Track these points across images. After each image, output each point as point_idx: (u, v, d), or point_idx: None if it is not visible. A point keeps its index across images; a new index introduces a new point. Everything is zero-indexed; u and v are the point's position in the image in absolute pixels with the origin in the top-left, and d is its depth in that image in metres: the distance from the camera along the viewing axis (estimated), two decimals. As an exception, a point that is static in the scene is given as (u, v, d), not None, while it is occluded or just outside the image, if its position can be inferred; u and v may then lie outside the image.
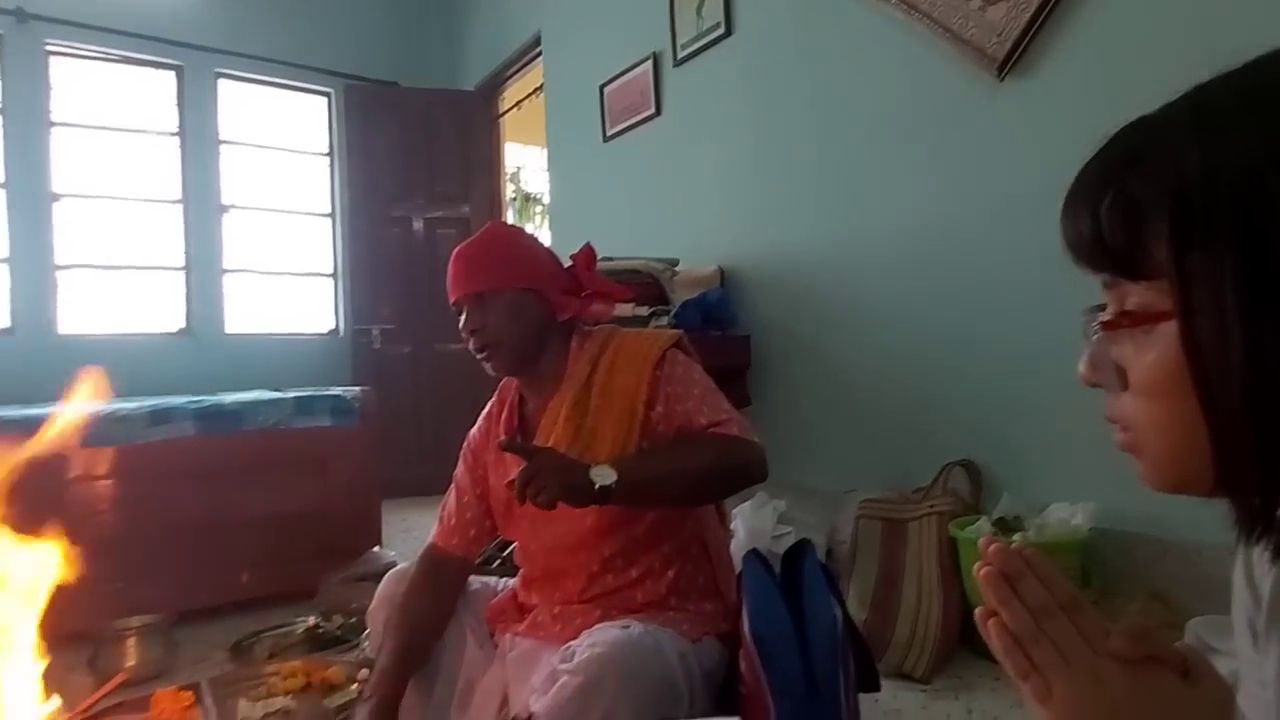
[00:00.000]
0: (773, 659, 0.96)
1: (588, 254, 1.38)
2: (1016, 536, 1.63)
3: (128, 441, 2.17)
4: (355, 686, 1.67)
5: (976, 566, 0.48)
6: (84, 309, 3.97)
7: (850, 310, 2.34)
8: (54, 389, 2.95)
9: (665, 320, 2.36)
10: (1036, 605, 0.45)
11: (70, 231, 3.96)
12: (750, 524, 2.04)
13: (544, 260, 1.34)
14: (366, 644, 1.98)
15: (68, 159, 3.96)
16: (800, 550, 1.18)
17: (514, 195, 6.34)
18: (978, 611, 0.48)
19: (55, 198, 3.91)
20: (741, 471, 1.22)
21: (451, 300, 1.32)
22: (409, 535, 3.14)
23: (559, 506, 1.13)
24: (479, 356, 1.31)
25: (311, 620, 2.10)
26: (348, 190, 4.46)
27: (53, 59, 3.91)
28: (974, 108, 1.99)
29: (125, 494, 2.17)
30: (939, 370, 2.11)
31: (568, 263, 1.38)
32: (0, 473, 1.05)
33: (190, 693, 1.18)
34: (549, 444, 1.25)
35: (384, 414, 2.69)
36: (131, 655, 1.75)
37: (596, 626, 1.14)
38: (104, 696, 1.11)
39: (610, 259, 2.41)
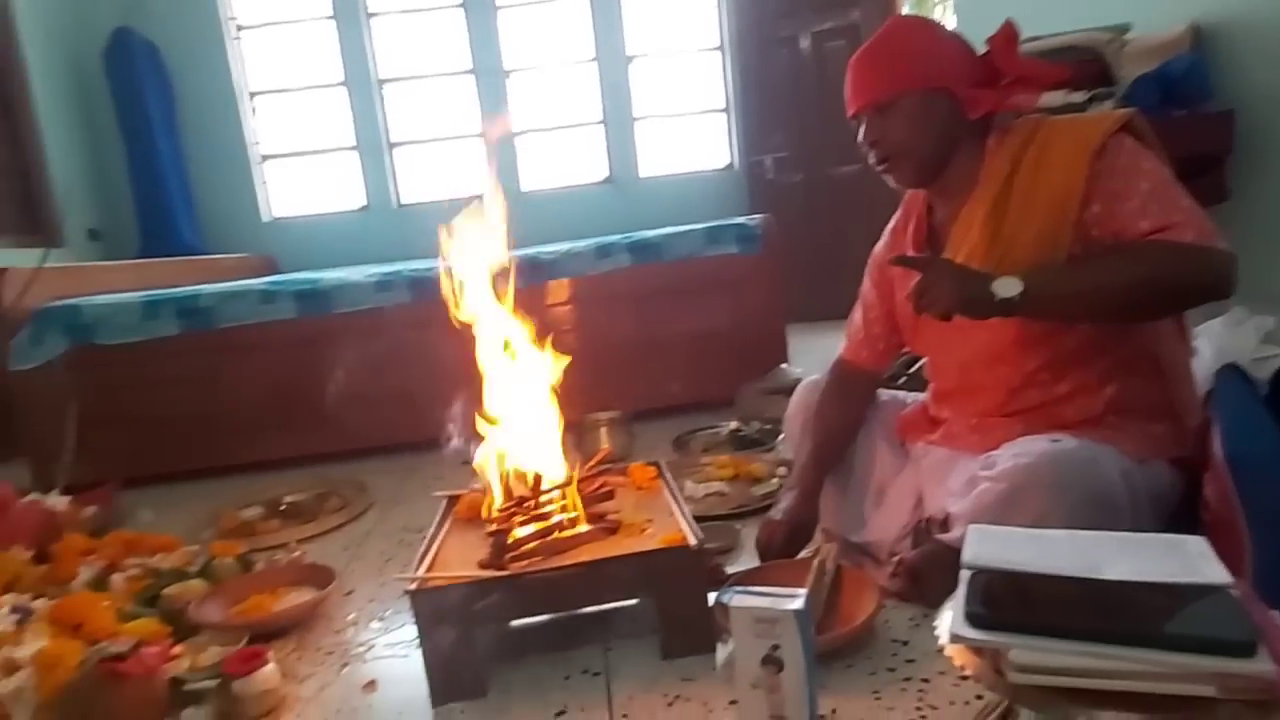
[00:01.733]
0: (1254, 484, 0.83)
1: (1007, 34, 1.19)
2: None
3: (580, 274, 2.64)
4: (775, 480, 1.89)
5: None
6: (537, 165, 4.76)
7: None
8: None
9: (1109, 104, 1.95)
10: None
11: (519, 101, 4.72)
12: (1221, 343, 1.68)
13: (951, 51, 1.20)
14: (781, 447, 2.21)
15: (514, 37, 4.65)
16: (1302, 369, 0.96)
17: (908, -13, 5.62)
18: None
19: (507, 74, 4.67)
20: (1194, 286, 1.01)
21: (849, 113, 1.27)
22: (809, 355, 3.29)
23: (974, 321, 1.08)
24: (880, 170, 1.26)
25: (733, 424, 2.40)
26: (735, 18, 4.46)
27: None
28: None
29: (581, 316, 2.66)
30: None
31: (982, 49, 1.22)
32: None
33: (654, 469, 1.46)
34: (961, 254, 1.18)
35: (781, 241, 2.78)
36: (604, 440, 2.23)
37: (1021, 438, 1.10)
38: (595, 465, 1.44)
39: (1037, 38, 2.04)
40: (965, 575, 0.71)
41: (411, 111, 4.77)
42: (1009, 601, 0.65)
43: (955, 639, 0.63)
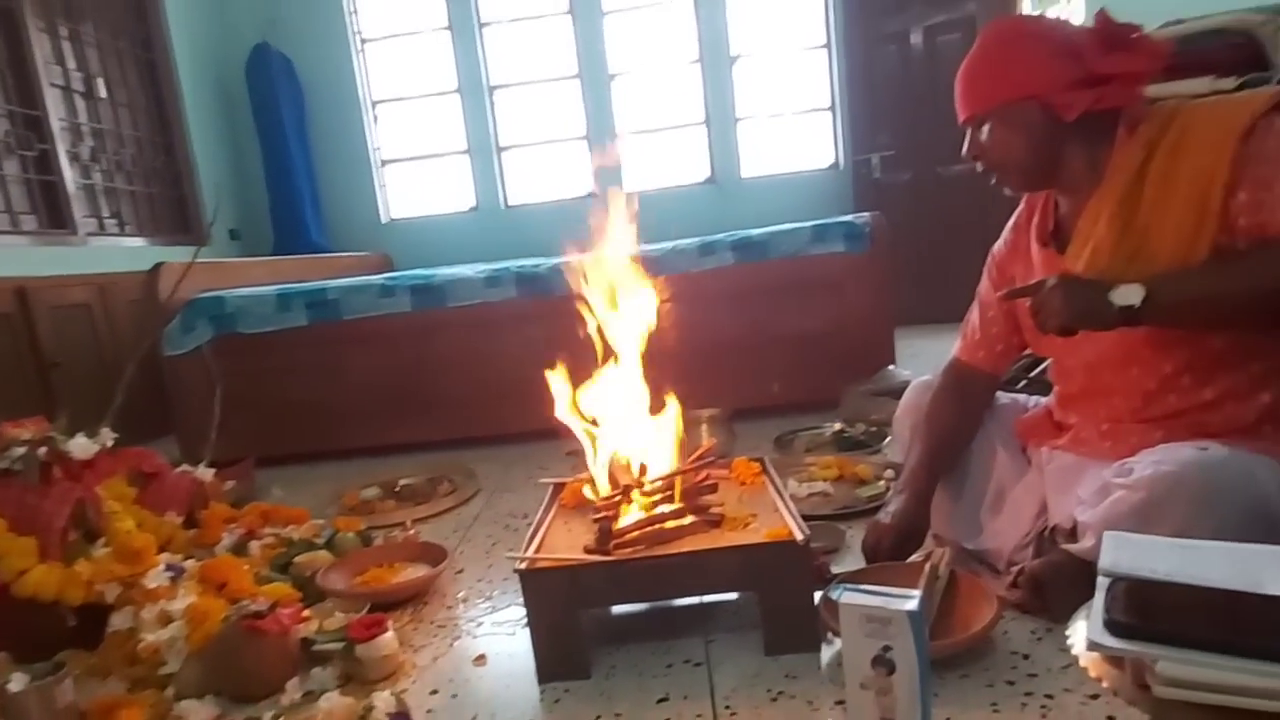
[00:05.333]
0: None
1: (1100, 28, 1.10)
2: None
3: (683, 271, 2.64)
4: (881, 483, 1.84)
5: None
6: (641, 165, 4.82)
7: None
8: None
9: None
10: None
11: (623, 103, 4.79)
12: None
13: (1042, 54, 1.10)
14: (888, 449, 2.15)
15: (620, 41, 4.73)
16: None
17: (1030, -24, 5.33)
18: None
19: (612, 78, 4.75)
20: None
21: (959, 122, 1.23)
22: (917, 359, 3.18)
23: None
24: (991, 182, 1.23)
25: (838, 425, 2.35)
26: (843, 14, 4.36)
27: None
28: None
29: (682, 314, 2.65)
30: None
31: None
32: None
33: (757, 464, 1.45)
34: (1087, 249, 1.12)
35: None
36: (706, 436, 2.23)
37: (1160, 446, 1.03)
38: (700, 458, 1.44)
39: (1180, 21, 1.90)
40: (1102, 583, 0.67)
41: (520, 116, 4.92)
42: (1156, 611, 0.61)
43: (1094, 647, 0.60)
